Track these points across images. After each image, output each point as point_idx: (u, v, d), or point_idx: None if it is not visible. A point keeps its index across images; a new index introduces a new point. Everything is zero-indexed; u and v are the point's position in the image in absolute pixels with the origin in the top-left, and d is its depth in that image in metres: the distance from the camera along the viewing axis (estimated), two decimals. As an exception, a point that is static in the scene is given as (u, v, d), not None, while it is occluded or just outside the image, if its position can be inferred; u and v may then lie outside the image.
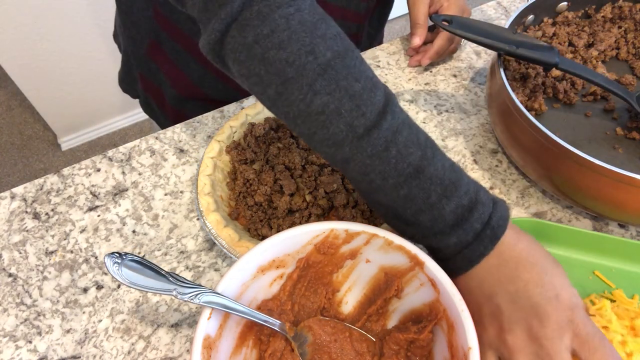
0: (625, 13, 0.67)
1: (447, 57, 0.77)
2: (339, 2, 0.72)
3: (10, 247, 0.59)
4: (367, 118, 0.39)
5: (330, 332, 0.45)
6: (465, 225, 0.40)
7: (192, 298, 0.39)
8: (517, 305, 0.38)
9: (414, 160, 0.40)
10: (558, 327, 0.37)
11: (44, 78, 1.70)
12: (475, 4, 0.86)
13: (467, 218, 0.40)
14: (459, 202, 0.40)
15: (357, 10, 0.75)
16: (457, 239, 0.40)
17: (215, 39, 0.41)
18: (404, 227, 0.43)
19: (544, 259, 0.40)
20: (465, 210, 0.40)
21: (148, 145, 0.68)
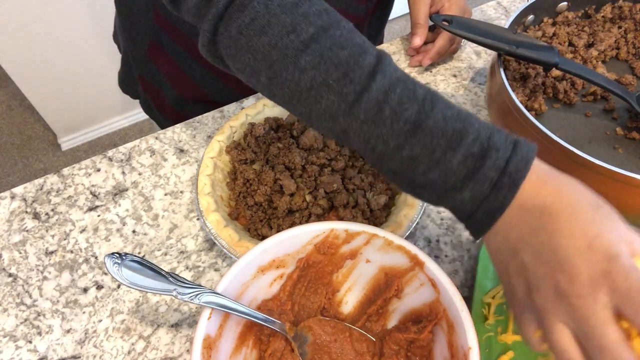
0: (625, 13, 0.67)
1: (448, 57, 0.77)
2: (338, 4, 0.72)
3: (10, 247, 0.59)
4: (356, 83, 0.38)
5: (331, 332, 0.45)
6: (478, 176, 0.36)
7: (192, 298, 0.39)
8: (541, 259, 0.33)
9: (410, 116, 0.37)
10: (590, 282, 0.31)
11: (44, 78, 1.70)
12: (475, 4, 0.86)
13: (479, 168, 0.36)
14: (468, 151, 0.36)
15: (356, 13, 0.75)
16: (471, 192, 0.36)
17: (207, 40, 0.42)
18: (420, 191, 0.39)
19: (578, 202, 0.34)
20: (477, 159, 0.36)
21: (148, 145, 0.68)
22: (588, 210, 0.33)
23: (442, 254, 0.56)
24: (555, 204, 0.34)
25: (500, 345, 0.49)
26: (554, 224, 0.33)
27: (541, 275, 0.33)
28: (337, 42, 0.39)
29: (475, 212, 0.37)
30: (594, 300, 0.31)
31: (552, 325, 0.33)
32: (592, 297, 0.31)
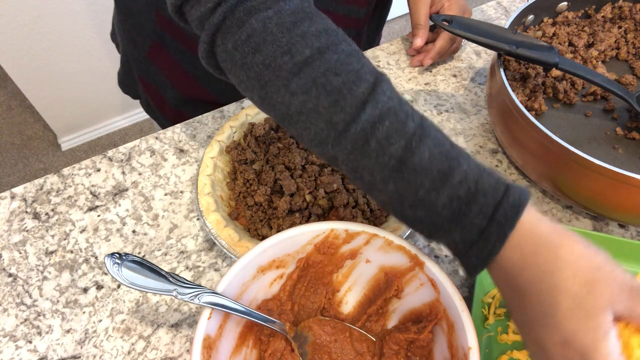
0: (625, 13, 0.67)
1: (448, 57, 0.77)
2: (341, 11, 0.72)
3: (10, 247, 0.59)
4: (347, 112, 0.37)
5: (331, 332, 0.46)
6: (465, 222, 0.35)
7: (192, 298, 0.39)
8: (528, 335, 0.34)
9: (396, 152, 0.36)
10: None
11: (44, 78, 1.70)
12: (475, 4, 0.86)
13: (465, 212, 0.35)
14: (453, 194, 0.35)
15: (357, 16, 0.75)
16: (460, 235, 0.36)
17: (205, 52, 0.42)
18: (412, 225, 0.39)
19: (564, 272, 0.32)
20: (463, 203, 0.35)
21: (148, 145, 0.68)
22: (574, 285, 0.32)
23: (442, 254, 0.56)
24: (538, 275, 0.33)
25: (500, 345, 0.49)
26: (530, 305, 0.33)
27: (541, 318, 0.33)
28: (332, 67, 0.38)
29: (466, 254, 0.36)
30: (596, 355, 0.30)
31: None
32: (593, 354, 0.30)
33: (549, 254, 0.33)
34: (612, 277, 0.31)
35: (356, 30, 0.78)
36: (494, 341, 0.49)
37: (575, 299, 0.31)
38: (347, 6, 0.72)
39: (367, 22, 0.80)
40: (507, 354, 0.48)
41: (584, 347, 0.30)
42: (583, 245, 0.33)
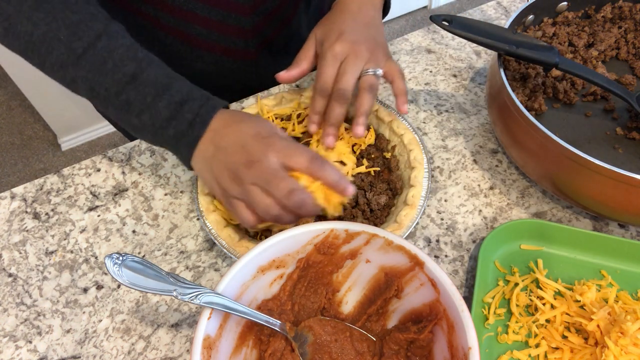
0: (625, 13, 0.67)
1: (448, 58, 0.77)
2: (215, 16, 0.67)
3: (10, 247, 0.59)
4: (84, 41, 0.47)
5: (331, 332, 0.45)
6: (179, 117, 0.48)
7: (193, 298, 0.39)
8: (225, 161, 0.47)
9: (129, 70, 0.48)
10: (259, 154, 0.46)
11: (44, 78, 1.69)
12: (475, 4, 0.86)
13: (179, 111, 0.48)
14: (171, 99, 0.48)
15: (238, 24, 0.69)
16: (174, 129, 0.48)
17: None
18: (140, 133, 0.51)
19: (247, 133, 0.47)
20: (178, 104, 0.48)
21: (148, 145, 0.67)
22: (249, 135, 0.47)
23: (442, 254, 0.56)
24: (225, 138, 0.48)
25: (500, 345, 0.49)
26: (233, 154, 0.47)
27: (232, 166, 0.46)
28: (70, 7, 0.47)
29: (179, 146, 0.50)
30: (267, 162, 0.45)
31: (248, 190, 0.46)
32: (265, 160, 0.45)
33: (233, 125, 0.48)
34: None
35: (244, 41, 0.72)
36: (494, 341, 0.49)
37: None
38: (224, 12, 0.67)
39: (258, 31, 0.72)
40: (507, 354, 0.48)
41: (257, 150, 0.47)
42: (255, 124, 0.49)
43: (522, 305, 0.51)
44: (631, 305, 0.49)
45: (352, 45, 0.55)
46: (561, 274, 0.53)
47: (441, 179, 0.63)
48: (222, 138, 0.48)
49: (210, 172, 0.49)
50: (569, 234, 0.54)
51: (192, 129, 0.48)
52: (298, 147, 0.47)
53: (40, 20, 0.46)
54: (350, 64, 0.54)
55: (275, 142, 0.47)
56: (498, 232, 0.54)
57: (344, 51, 0.55)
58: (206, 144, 0.49)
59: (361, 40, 0.56)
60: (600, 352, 0.45)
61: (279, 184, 0.45)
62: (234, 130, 0.48)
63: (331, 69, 0.55)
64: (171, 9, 0.64)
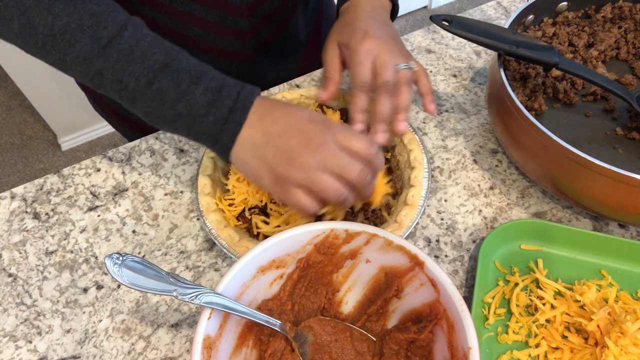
0: (625, 13, 0.67)
1: (448, 58, 0.77)
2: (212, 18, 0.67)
3: (10, 247, 0.59)
4: (109, 30, 0.45)
5: (331, 332, 0.45)
6: (218, 103, 0.46)
7: (193, 299, 0.39)
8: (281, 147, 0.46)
9: (160, 58, 0.45)
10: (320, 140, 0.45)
11: (44, 78, 1.70)
12: (475, 4, 0.86)
13: (217, 97, 0.46)
14: (208, 86, 0.46)
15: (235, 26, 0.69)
16: (214, 117, 0.46)
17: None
18: (173, 125, 0.48)
19: (300, 117, 0.47)
20: (215, 91, 0.46)
21: (148, 145, 0.68)
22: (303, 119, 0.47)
23: (442, 254, 0.56)
24: (277, 123, 0.46)
25: (500, 345, 0.49)
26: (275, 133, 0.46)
27: (293, 151, 0.45)
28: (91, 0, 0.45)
29: (220, 134, 0.47)
30: (332, 145, 0.45)
31: (315, 174, 0.45)
32: (330, 143, 0.45)
33: (281, 110, 0.47)
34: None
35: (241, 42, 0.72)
36: (494, 341, 0.49)
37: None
38: (220, 13, 0.67)
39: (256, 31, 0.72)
40: (507, 354, 0.48)
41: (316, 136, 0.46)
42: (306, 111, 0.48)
43: (522, 305, 0.51)
44: (631, 305, 0.49)
45: (381, 41, 0.54)
46: (561, 274, 0.53)
47: (441, 179, 0.63)
48: (272, 123, 0.46)
49: (262, 160, 0.47)
50: (569, 234, 0.54)
51: (233, 114, 0.46)
52: (354, 131, 0.48)
53: (61, 11, 0.44)
54: (386, 58, 0.53)
55: (332, 125, 0.47)
56: (498, 232, 0.54)
57: (375, 47, 0.54)
58: (252, 130, 0.47)
59: (387, 37, 0.56)
60: (600, 352, 0.45)
61: (352, 164, 0.45)
62: (284, 115, 0.47)
63: (367, 64, 0.54)
64: (168, 10, 0.64)
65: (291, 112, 0.47)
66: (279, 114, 0.47)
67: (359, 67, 0.54)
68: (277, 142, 0.46)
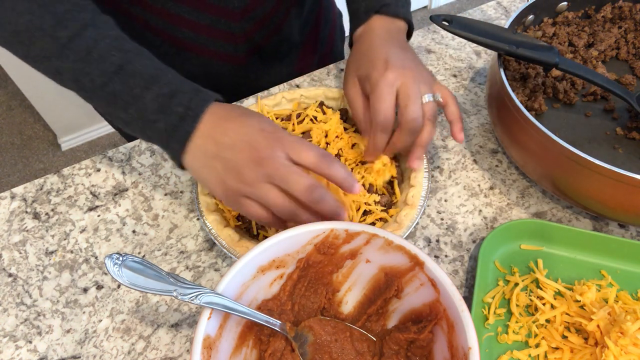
0: (625, 13, 0.67)
1: (448, 58, 0.77)
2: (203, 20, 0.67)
3: (10, 247, 0.59)
4: (70, 30, 0.45)
5: (331, 332, 0.45)
6: (168, 110, 0.46)
7: (193, 299, 0.39)
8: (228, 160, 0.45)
9: (116, 60, 0.46)
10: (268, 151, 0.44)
11: (44, 78, 1.69)
12: (475, 4, 0.86)
13: (168, 104, 0.46)
14: (160, 91, 0.46)
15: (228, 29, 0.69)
16: (164, 124, 0.46)
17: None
18: (128, 127, 0.48)
19: (252, 127, 0.46)
20: (167, 97, 0.46)
21: (148, 145, 0.68)
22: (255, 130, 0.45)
23: (442, 254, 0.56)
24: (227, 134, 0.45)
25: (500, 345, 0.49)
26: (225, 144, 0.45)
27: (241, 164, 0.44)
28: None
29: (169, 141, 0.47)
30: (278, 158, 0.43)
31: (261, 189, 0.44)
32: (276, 157, 0.43)
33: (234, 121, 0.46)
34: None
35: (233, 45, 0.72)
36: (494, 341, 0.49)
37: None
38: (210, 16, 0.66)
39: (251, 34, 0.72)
40: (507, 354, 0.48)
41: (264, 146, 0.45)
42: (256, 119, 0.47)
43: (522, 305, 0.51)
44: (631, 305, 0.49)
45: (403, 71, 0.51)
46: (561, 274, 0.53)
47: (441, 179, 0.63)
48: (224, 134, 0.45)
49: (213, 171, 0.46)
50: (569, 234, 0.54)
51: (183, 122, 0.46)
52: (305, 143, 0.45)
53: (25, 9, 0.45)
54: (411, 92, 0.50)
55: (283, 137, 0.45)
56: (498, 232, 0.54)
57: (398, 77, 0.50)
58: (203, 139, 0.46)
59: (409, 65, 0.52)
60: (600, 352, 0.45)
61: (298, 180, 0.43)
62: (236, 126, 0.46)
63: (390, 100, 0.50)
64: (158, 11, 0.64)
65: (243, 123, 0.46)
66: (231, 124, 0.46)
67: (381, 104, 0.50)
68: (227, 154, 0.45)
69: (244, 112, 0.47)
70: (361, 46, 0.56)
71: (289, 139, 0.45)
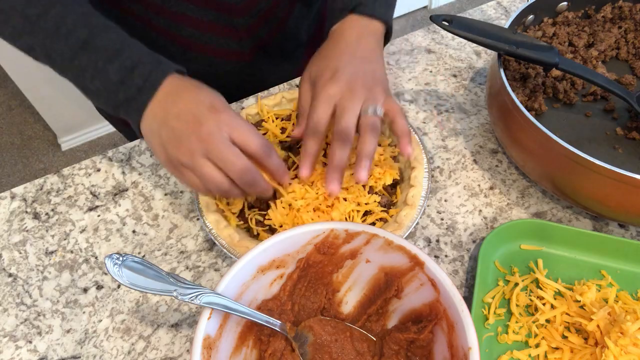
0: (625, 13, 0.67)
1: (448, 58, 0.77)
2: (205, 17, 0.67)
3: (10, 247, 0.59)
4: (38, 8, 0.48)
5: (331, 332, 0.46)
6: (128, 82, 0.48)
7: (193, 299, 0.39)
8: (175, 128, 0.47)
9: (82, 36, 0.48)
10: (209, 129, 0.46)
11: (44, 78, 1.70)
12: (475, 4, 0.86)
13: (129, 76, 0.48)
14: (122, 64, 0.48)
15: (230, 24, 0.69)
16: (124, 94, 0.48)
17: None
18: (96, 99, 0.51)
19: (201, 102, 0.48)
20: (127, 69, 0.48)
21: (148, 145, 0.67)
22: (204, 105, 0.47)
23: (442, 254, 0.56)
24: (176, 104, 0.48)
25: (500, 345, 0.49)
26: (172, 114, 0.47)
27: (183, 135, 0.46)
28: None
29: (129, 110, 0.49)
30: (220, 137, 0.45)
31: (197, 162, 0.46)
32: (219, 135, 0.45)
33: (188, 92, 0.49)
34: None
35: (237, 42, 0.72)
36: (494, 341, 0.49)
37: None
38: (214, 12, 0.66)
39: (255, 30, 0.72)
40: (507, 354, 0.48)
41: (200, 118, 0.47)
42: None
43: (522, 305, 0.51)
44: (631, 305, 0.49)
45: (347, 83, 0.51)
46: (561, 274, 0.53)
47: (441, 179, 0.63)
48: (173, 104, 0.48)
49: (159, 138, 0.48)
50: (569, 234, 0.54)
51: (140, 93, 0.48)
52: (251, 128, 0.48)
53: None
54: (348, 103, 0.50)
55: (229, 118, 0.47)
56: (498, 232, 0.54)
57: (339, 91, 0.51)
58: (155, 108, 0.48)
59: (358, 77, 0.52)
60: (600, 352, 0.45)
61: (234, 161, 0.45)
62: (186, 98, 0.48)
63: (325, 109, 0.50)
64: (160, 9, 0.64)
65: (196, 96, 0.48)
66: (184, 95, 0.48)
67: (315, 111, 0.51)
68: (172, 122, 0.47)
69: (199, 86, 0.49)
70: (326, 46, 0.57)
71: (236, 121, 0.47)
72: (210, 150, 0.45)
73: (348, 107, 0.50)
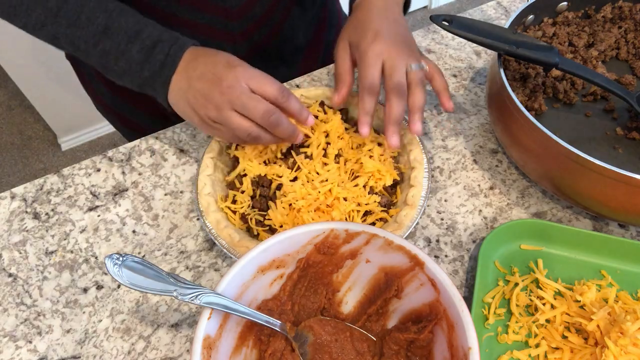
0: (625, 13, 0.67)
1: (448, 58, 0.77)
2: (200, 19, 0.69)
3: (10, 247, 0.59)
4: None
5: (331, 332, 0.45)
6: (151, 59, 0.53)
7: (193, 299, 0.39)
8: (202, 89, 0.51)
9: (102, 21, 0.52)
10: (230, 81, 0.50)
11: (44, 78, 1.70)
12: (475, 4, 0.85)
13: (151, 53, 0.52)
14: (143, 44, 0.52)
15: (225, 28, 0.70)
16: (148, 72, 0.53)
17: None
18: (122, 79, 0.55)
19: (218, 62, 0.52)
20: (149, 48, 0.52)
21: (148, 145, 0.68)
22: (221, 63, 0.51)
23: (442, 254, 0.56)
24: (197, 69, 0.52)
25: (500, 345, 0.49)
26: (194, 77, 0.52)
27: (207, 92, 0.50)
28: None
29: (155, 85, 0.54)
30: (240, 87, 0.49)
31: (225, 114, 0.50)
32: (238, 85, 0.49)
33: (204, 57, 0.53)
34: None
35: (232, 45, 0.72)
36: (494, 341, 0.49)
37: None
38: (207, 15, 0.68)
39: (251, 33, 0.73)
40: (507, 354, 0.48)
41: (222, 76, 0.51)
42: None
43: (522, 305, 0.51)
44: (631, 305, 0.49)
45: (392, 43, 0.54)
46: (561, 274, 0.53)
47: (441, 179, 0.63)
48: (194, 69, 0.52)
49: (187, 102, 0.52)
50: (569, 234, 0.54)
51: (164, 68, 0.53)
52: (268, 76, 0.51)
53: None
54: (396, 61, 0.53)
55: (246, 70, 0.51)
56: (498, 232, 0.54)
57: (386, 49, 0.53)
58: (179, 78, 0.52)
59: (398, 39, 0.55)
60: (600, 352, 0.45)
61: (256, 105, 0.49)
62: (205, 61, 0.52)
63: (376, 67, 0.53)
64: (155, 11, 0.64)
65: (211, 58, 0.52)
66: (202, 59, 0.52)
67: (367, 70, 0.53)
68: (196, 84, 0.51)
69: (214, 52, 0.53)
70: (357, 15, 0.59)
71: (252, 72, 0.51)
72: (233, 101, 0.49)
73: (396, 64, 0.53)
